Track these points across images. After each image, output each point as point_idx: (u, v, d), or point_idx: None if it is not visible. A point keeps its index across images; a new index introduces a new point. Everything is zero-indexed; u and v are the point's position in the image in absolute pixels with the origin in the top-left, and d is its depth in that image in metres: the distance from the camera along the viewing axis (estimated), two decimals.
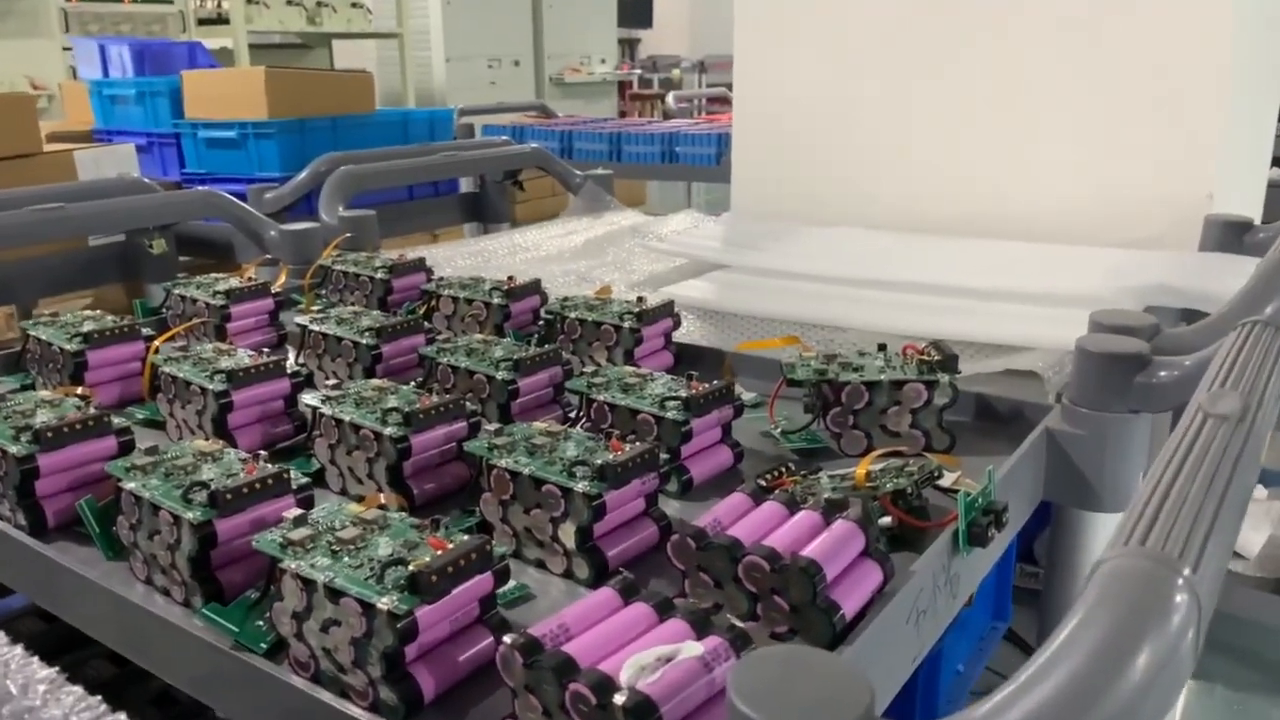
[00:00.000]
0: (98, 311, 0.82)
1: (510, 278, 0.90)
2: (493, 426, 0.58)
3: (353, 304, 0.97)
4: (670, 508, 0.59)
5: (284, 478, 0.52)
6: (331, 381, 0.65)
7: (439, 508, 0.60)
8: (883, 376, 0.65)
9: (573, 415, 0.67)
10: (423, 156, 1.45)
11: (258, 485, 0.51)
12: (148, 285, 1.26)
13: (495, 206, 1.71)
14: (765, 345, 0.78)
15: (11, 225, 0.92)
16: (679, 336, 0.84)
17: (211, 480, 0.51)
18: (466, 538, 0.44)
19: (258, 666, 0.45)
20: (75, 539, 0.57)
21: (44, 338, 0.77)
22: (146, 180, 1.23)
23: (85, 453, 0.59)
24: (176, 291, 0.90)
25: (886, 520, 0.53)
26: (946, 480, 0.59)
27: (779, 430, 0.68)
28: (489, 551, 0.43)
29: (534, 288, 0.89)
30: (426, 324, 0.83)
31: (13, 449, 0.56)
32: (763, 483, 0.59)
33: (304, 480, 0.53)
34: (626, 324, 0.78)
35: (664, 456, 0.58)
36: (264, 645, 0.46)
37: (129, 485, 0.52)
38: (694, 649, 0.37)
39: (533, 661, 0.37)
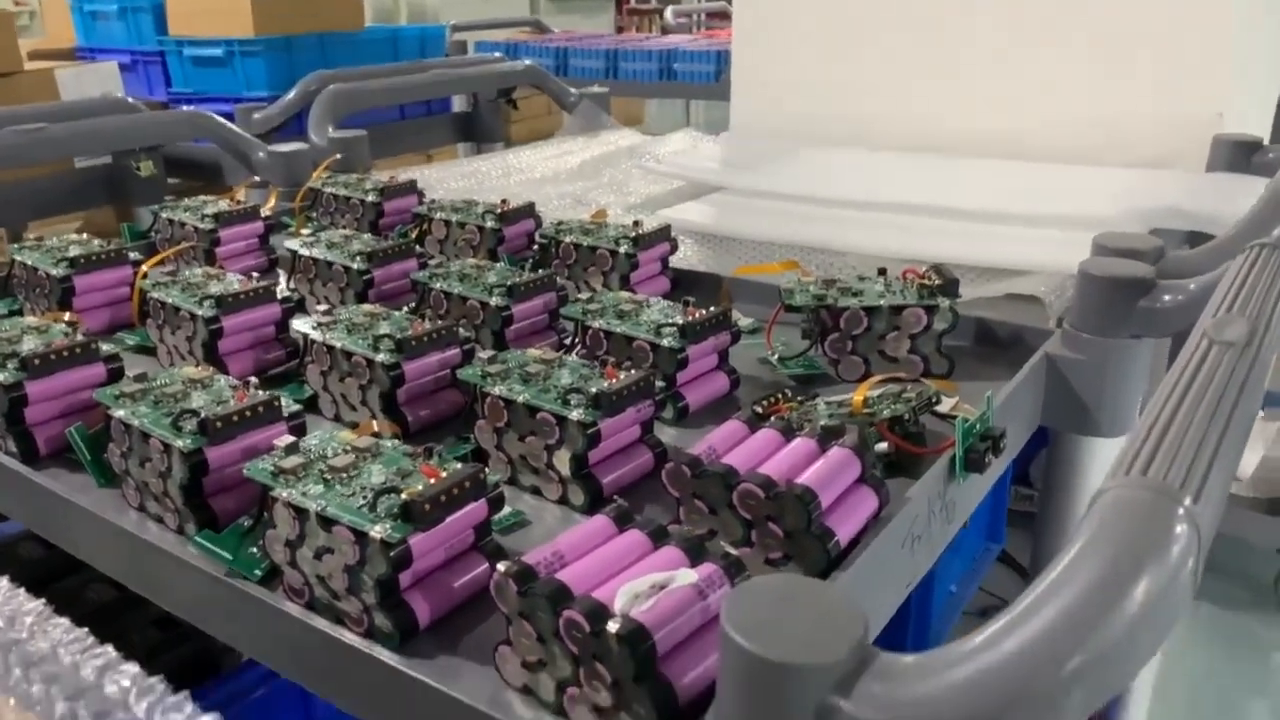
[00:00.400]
0: (84, 236, 0.80)
1: (504, 201, 0.88)
2: (487, 353, 0.58)
3: (344, 227, 0.95)
4: (666, 435, 0.59)
5: (275, 405, 0.51)
6: (323, 307, 0.64)
7: (433, 435, 0.59)
8: (882, 302, 0.64)
9: (568, 342, 0.66)
10: (414, 75, 1.42)
11: (248, 413, 0.50)
12: (136, 208, 1.24)
13: (488, 126, 1.68)
14: (763, 270, 0.76)
15: None
16: (676, 261, 0.83)
17: (201, 408, 0.51)
18: (460, 465, 0.44)
19: (252, 594, 0.45)
20: (67, 466, 0.57)
21: (30, 262, 0.75)
22: (131, 100, 1.20)
23: (74, 380, 0.58)
24: (165, 215, 0.89)
25: (883, 446, 0.52)
26: (944, 406, 0.59)
27: (776, 356, 0.67)
28: (483, 480, 0.43)
29: (528, 211, 0.87)
30: (419, 248, 0.82)
31: (0, 377, 0.55)
32: (759, 409, 0.58)
33: (295, 408, 0.53)
34: (622, 249, 0.77)
35: (660, 384, 0.57)
36: (258, 572, 0.46)
37: (118, 413, 0.51)
38: (688, 576, 0.37)
39: (527, 589, 0.37)
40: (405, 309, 0.73)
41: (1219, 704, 1.32)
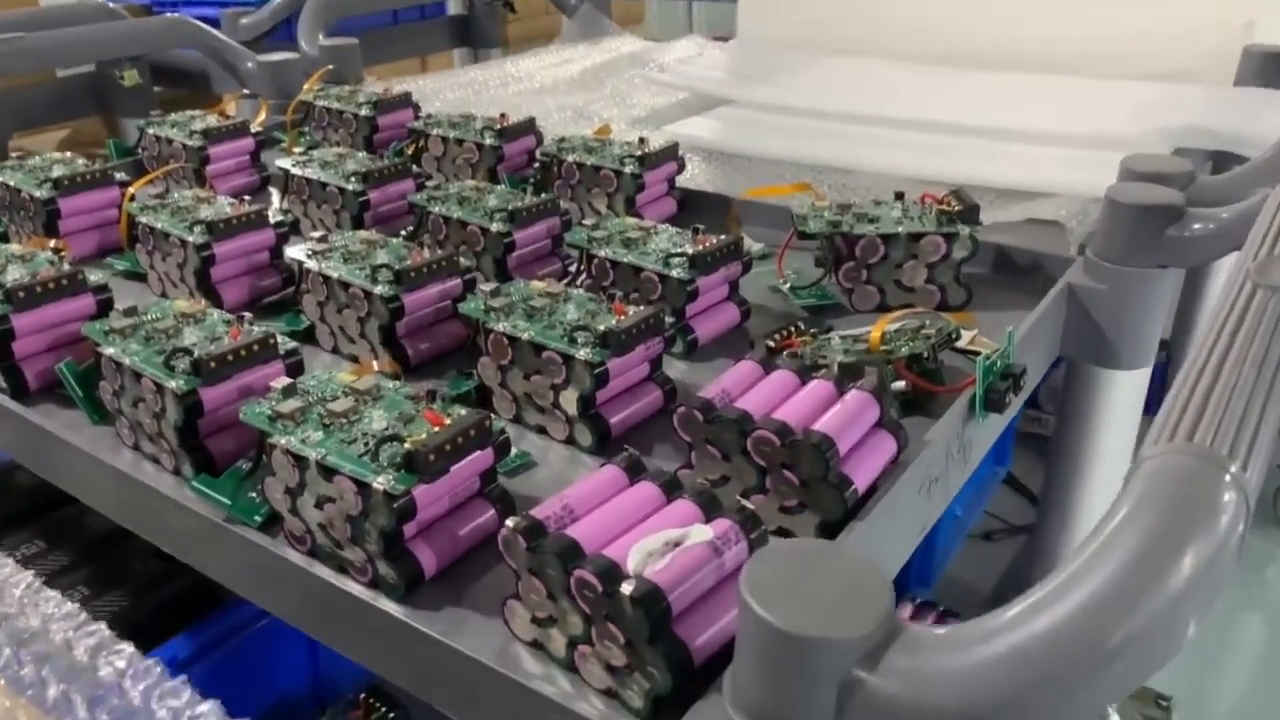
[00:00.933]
0: (68, 154, 0.77)
1: (502, 115, 0.85)
2: (489, 286, 0.55)
3: (337, 143, 0.92)
4: (675, 369, 0.57)
5: (270, 343, 0.49)
6: (318, 233, 0.62)
7: (435, 368, 0.58)
8: (900, 229, 0.61)
9: (572, 270, 0.64)
10: None
11: (243, 352, 0.48)
12: (121, 119, 1.20)
13: (485, 30, 1.61)
14: (774, 192, 0.74)
15: None
16: (682, 180, 0.80)
17: (194, 345, 0.49)
18: (464, 412, 0.42)
19: (253, 540, 0.44)
20: (58, 401, 0.55)
21: (13, 183, 0.73)
22: (113, 6, 1.14)
23: (62, 312, 0.56)
24: (151, 131, 0.85)
25: (900, 385, 0.51)
26: (963, 340, 0.57)
27: (788, 285, 0.65)
28: (488, 427, 0.41)
29: (528, 127, 0.84)
30: (416, 167, 0.79)
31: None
32: (771, 344, 0.56)
33: (291, 345, 0.51)
34: (628, 169, 0.74)
35: (669, 318, 0.55)
36: (258, 518, 0.45)
37: (108, 350, 0.49)
38: (703, 533, 0.36)
39: (536, 545, 0.36)
40: (403, 234, 0.70)
41: (1213, 617, 1.34)
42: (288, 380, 0.46)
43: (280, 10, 1.27)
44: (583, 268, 0.62)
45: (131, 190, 0.71)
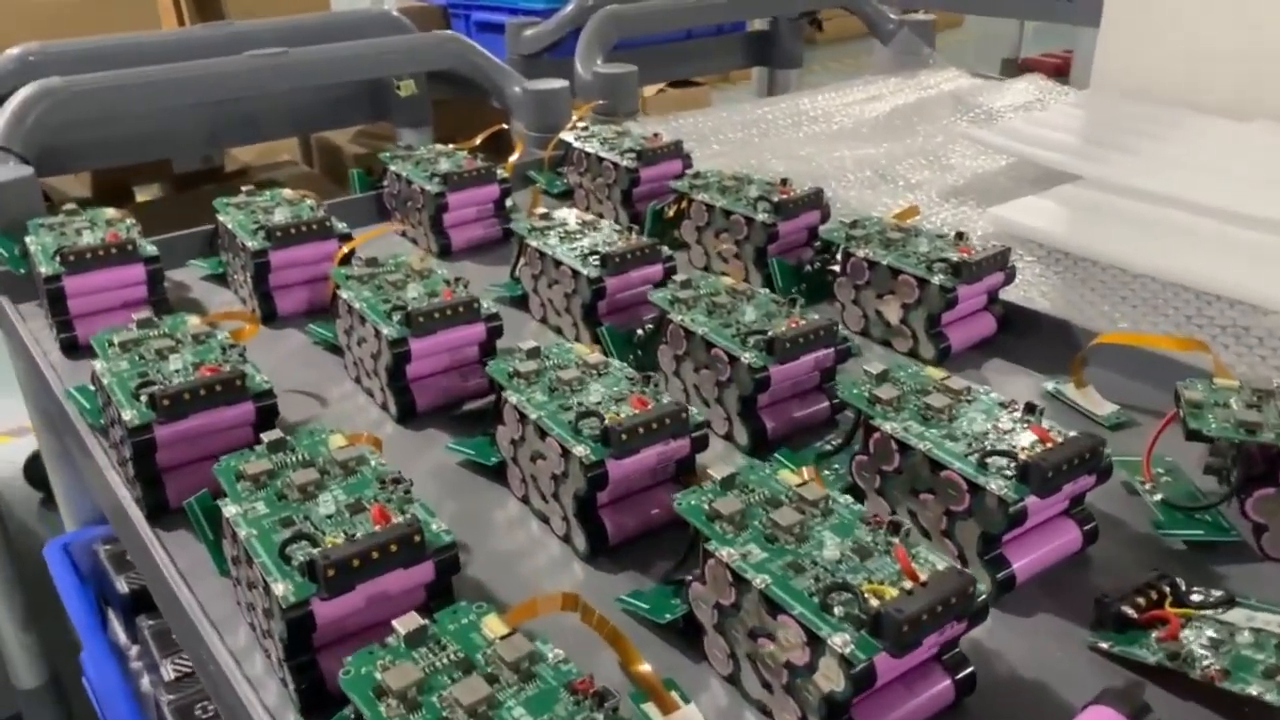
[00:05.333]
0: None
1: (784, 182, 0.69)
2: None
3: (592, 191, 0.80)
4: None
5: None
6: (527, 346, 0.49)
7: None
8: None
9: (846, 429, 0.47)
10: None
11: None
12: (398, 128, 1.15)
13: (787, 49, 1.45)
14: (1148, 342, 0.53)
15: (225, 75, 0.82)
16: (1010, 290, 0.61)
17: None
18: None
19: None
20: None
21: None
22: (396, 14, 1.09)
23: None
24: (393, 169, 0.77)
25: None
26: None
27: (1158, 498, 0.45)
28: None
29: (813, 200, 0.67)
30: (675, 232, 0.71)
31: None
32: (1129, 611, 0.37)
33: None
34: (937, 279, 0.56)
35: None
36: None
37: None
38: None
39: None
40: (640, 332, 0.57)
41: None
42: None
43: (566, 23, 1.18)
44: (859, 445, 0.45)
45: (342, 251, 0.61)
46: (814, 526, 0.36)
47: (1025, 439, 0.40)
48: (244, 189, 0.70)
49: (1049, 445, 0.39)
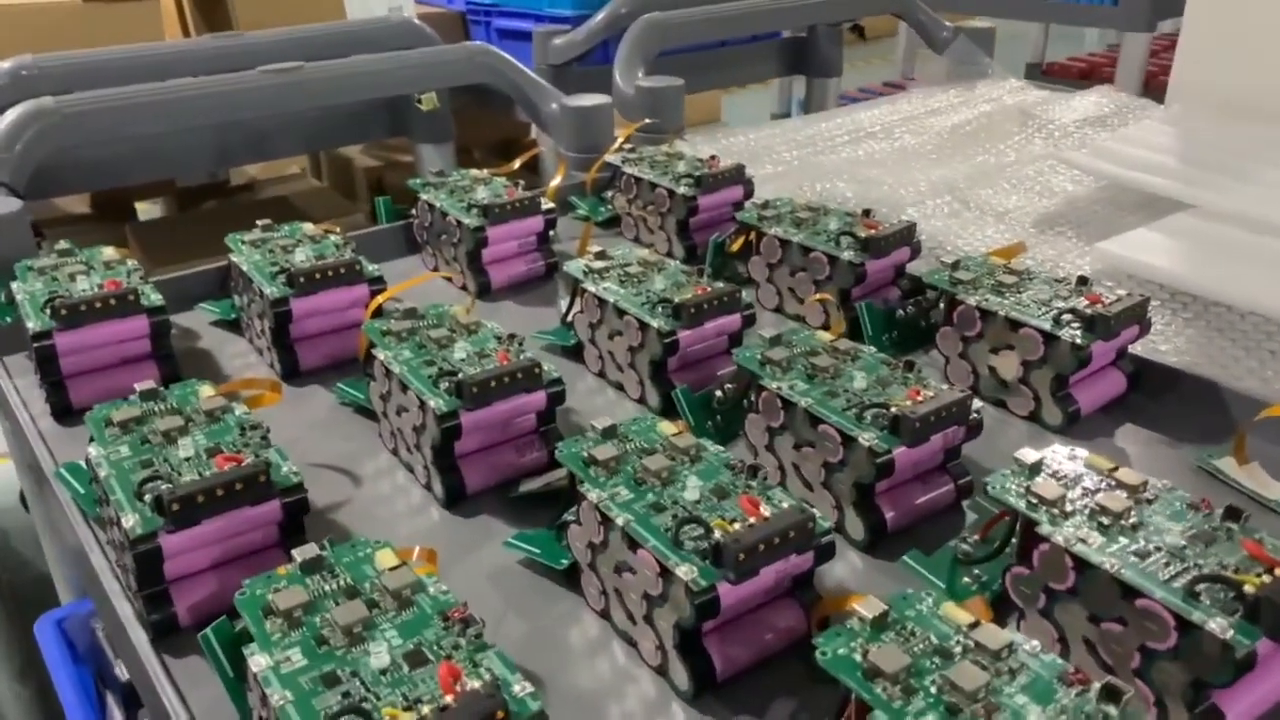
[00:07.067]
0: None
1: (866, 214, 0.61)
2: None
3: (643, 219, 0.72)
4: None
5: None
6: (601, 424, 0.41)
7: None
8: None
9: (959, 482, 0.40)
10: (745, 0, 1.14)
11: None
12: (418, 145, 1.07)
13: (825, 57, 1.37)
14: None
15: (235, 93, 0.74)
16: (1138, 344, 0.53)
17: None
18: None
19: None
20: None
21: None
22: (417, 22, 1.01)
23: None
24: (424, 198, 0.69)
25: None
26: None
27: None
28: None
29: (905, 236, 0.60)
30: (735, 270, 0.64)
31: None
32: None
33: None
34: (1068, 336, 0.48)
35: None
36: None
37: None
38: None
39: None
40: (720, 394, 0.49)
41: None
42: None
43: (597, 32, 1.10)
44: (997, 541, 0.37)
45: (373, 305, 0.53)
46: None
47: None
48: (259, 223, 0.62)
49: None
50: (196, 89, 0.74)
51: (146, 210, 1.49)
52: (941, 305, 0.54)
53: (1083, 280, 0.52)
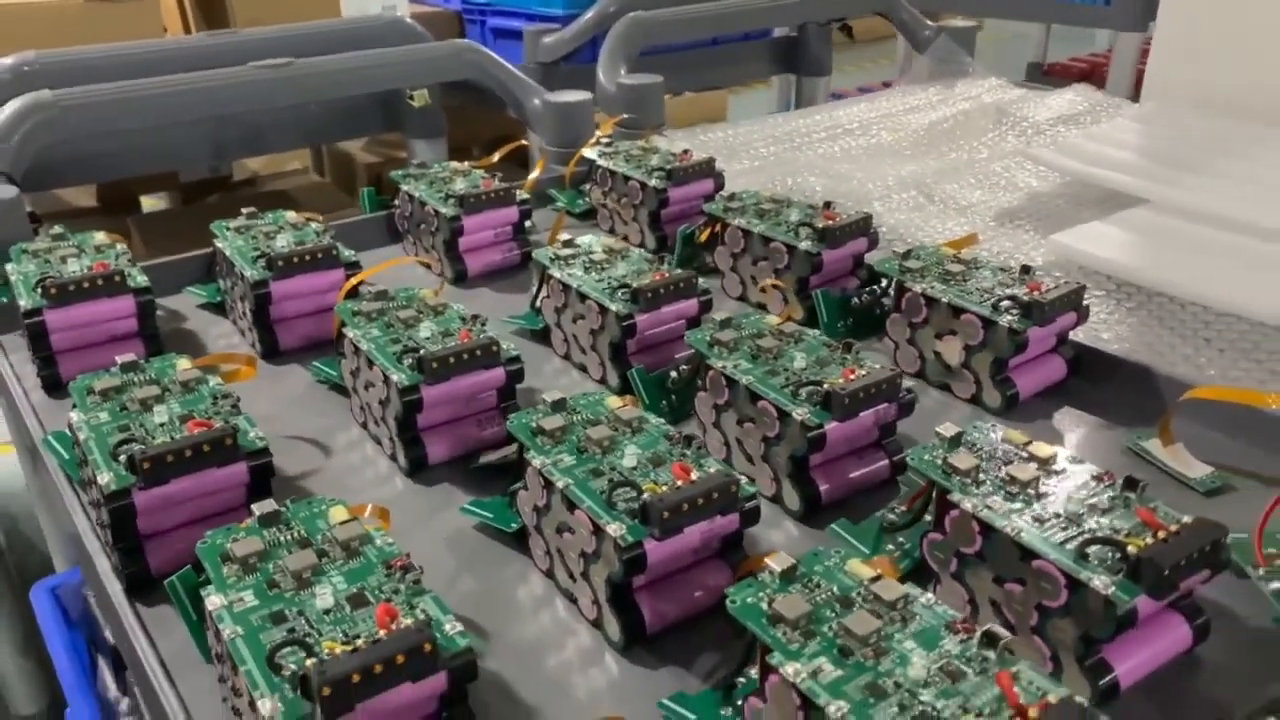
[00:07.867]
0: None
1: (827, 206, 0.64)
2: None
3: (618, 213, 0.75)
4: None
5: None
6: (551, 397, 0.44)
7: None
8: None
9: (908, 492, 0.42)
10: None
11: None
12: (410, 140, 1.10)
13: (815, 57, 1.40)
14: (1251, 399, 0.47)
15: (226, 88, 0.77)
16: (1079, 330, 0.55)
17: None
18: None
19: None
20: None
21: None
22: (408, 20, 1.04)
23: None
24: (405, 189, 0.72)
25: None
26: None
27: (1272, 585, 0.39)
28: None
29: (860, 228, 0.62)
30: (704, 261, 0.66)
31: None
32: None
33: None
34: (1005, 321, 0.50)
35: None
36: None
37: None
38: None
39: None
40: (674, 375, 0.52)
41: None
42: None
43: (585, 30, 1.13)
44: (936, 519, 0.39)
45: (347, 286, 0.56)
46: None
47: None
48: (244, 211, 0.65)
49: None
50: (188, 84, 0.77)
51: (151, 204, 1.52)
52: (892, 293, 0.57)
53: (1025, 269, 0.54)
